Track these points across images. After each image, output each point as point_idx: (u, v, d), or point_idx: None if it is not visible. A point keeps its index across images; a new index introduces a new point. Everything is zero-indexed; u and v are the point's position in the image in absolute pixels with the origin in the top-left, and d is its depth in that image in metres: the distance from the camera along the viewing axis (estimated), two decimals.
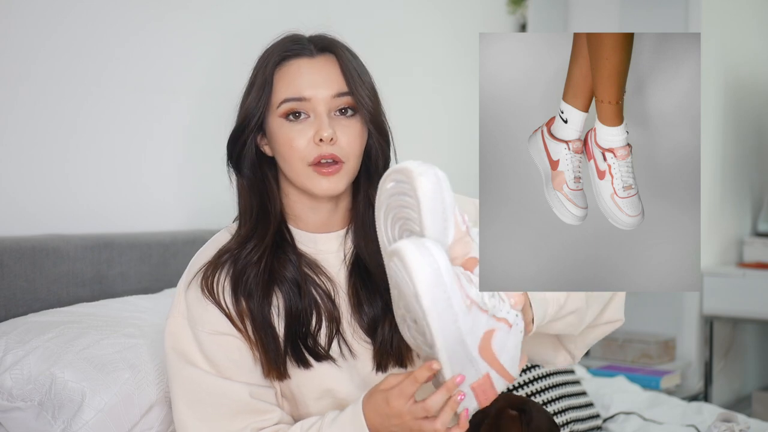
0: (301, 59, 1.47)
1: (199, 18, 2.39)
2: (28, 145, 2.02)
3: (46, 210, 2.05)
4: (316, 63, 1.47)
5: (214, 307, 1.45)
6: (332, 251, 1.52)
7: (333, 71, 1.47)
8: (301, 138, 1.44)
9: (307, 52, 1.47)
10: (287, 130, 1.45)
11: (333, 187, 1.45)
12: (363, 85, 1.47)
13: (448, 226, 1.28)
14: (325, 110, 1.44)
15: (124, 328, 1.79)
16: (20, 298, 1.88)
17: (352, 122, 1.46)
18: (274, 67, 1.47)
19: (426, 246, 1.22)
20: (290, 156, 1.44)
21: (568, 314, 1.42)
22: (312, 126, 1.44)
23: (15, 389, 1.66)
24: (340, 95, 1.46)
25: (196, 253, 1.53)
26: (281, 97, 1.45)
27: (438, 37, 3.27)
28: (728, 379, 3.90)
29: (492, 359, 1.28)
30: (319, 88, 1.45)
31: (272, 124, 1.47)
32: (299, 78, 1.45)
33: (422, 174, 1.25)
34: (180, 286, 1.50)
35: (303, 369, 1.46)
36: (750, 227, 4.12)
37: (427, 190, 1.25)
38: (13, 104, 2.00)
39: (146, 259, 2.11)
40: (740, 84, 3.97)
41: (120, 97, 2.20)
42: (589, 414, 2.49)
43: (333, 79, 1.46)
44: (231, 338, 1.45)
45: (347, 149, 1.45)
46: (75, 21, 2.10)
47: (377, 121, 1.48)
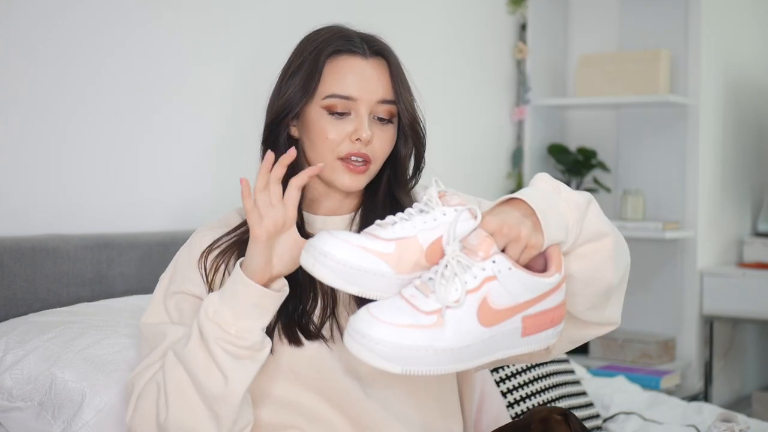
0: (354, 57, 1.49)
1: (195, 17, 2.39)
2: (28, 145, 2.02)
3: (46, 210, 2.05)
4: (369, 65, 1.49)
5: (197, 272, 1.49)
6: None
7: (383, 77, 1.50)
8: (337, 132, 1.47)
9: (361, 51, 1.49)
10: (326, 122, 1.47)
11: (355, 185, 1.49)
12: (408, 96, 1.52)
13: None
14: (367, 112, 1.47)
15: (124, 328, 1.79)
16: (20, 298, 1.88)
17: (387, 128, 1.50)
18: (326, 58, 1.48)
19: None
20: (322, 146, 1.47)
21: (589, 241, 1.32)
22: (351, 123, 1.47)
23: (15, 389, 1.66)
24: (384, 102, 1.49)
25: (200, 226, 1.57)
26: (329, 90, 1.47)
27: (438, 36, 3.27)
28: (728, 379, 3.90)
29: (507, 309, 1.19)
30: (367, 91, 1.47)
31: (311, 112, 1.49)
32: (351, 76, 1.47)
33: (312, 267, 1.22)
34: (180, 250, 1.56)
35: (294, 347, 1.46)
36: (750, 227, 4.12)
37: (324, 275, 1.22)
38: (13, 104, 1.99)
39: (146, 259, 2.11)
40: (740, 84, 3.97)
41: (119, 96, 2.20)
42: (589, 414, 2.49)
43: (382, 84, 1.49)
44: (193, 299, 1.49)
45: (378, 153, 1.49)
46: (74, 21, 2.10)
47: (415, 128, 1.53)
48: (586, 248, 1.32)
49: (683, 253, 3.66)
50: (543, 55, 3.76)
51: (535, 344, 1.23)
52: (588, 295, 1.36)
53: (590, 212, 1.32)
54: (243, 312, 1.37)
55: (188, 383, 1.38)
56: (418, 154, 1.56)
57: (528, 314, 1.20)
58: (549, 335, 1.24)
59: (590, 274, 1.33)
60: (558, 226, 1.25)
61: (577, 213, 1.29)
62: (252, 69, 2.47)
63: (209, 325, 1.37)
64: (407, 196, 1.56)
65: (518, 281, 1.19)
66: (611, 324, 1.45)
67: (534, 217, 1.23)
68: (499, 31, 3.59)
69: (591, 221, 1.32)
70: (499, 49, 3.60)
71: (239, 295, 1.37)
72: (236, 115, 2.45)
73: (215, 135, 2.43)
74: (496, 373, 2.36)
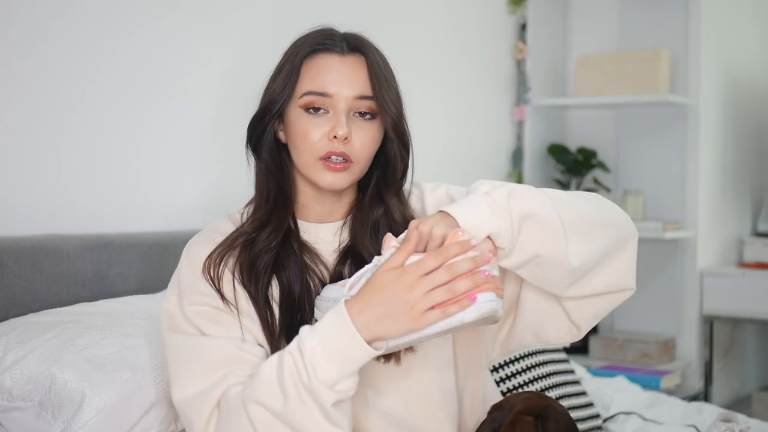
0: (331, 55, 1.49)
1: (195, 17, 2.39)
2: (28, 145, 2.02)
3: (45, 210, 2.05)
4: (345, 62, 1.48)
5: (207, 284, 1.46)
6: (328, 240, 1.54)
7: (360, 73, 1.48)
8: (316, 131, 1.46)
9: (338, 48, 1.49)
10: (304, 121, 1.47)
11: (337, 183, 1.47)
12: (388, 91, 1.49)
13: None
14: (345, 109, 1.46)
15: (124, 328, 1.78)
16: (20, 298, 1.88)
17: (368, 125, 1.48)
18: (303, 58, 1.48)
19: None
20: (302, 146, 1.47)
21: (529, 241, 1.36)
22: (329, 122, 1.46)
23: (15, 389, 1.66)
24: (362, 98, 1.47)
25: (193, 238, 1.54)
26: (305, 88, 1.47)
27: (438, 36, 3.27)
28: (728, 379, 3.90)
29: None
30: (343, 87, 1.46)
31: (291, 112, 1.48)
32: (326, 73, 1.47)
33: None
34: (179, 266, 1.52)
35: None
36: (750, 227, 4.12)
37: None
38: (12, 104, 1.99)
39: (146, 259, 2.11)
40: (740, 84, 3.97)
41: (119, 96, 2.20)
42: (589, 414, 2.49)
43: (359, 80, 1.47)
44: (212, 309, 1.45)
45: (359, 151, 1.47)
46: (74, 21, 2.10)
47: (399, 129, 1.50)
48: (525, 235, 1.35)
49: (683, 253, 3.66)
50: (543, 55, 3.76)
51: (450, 321, 1.28)
52: (556, 276, 1.40)
53: (512, 200, 1.36)
54: (350, 371, 1.30)
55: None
56: (403, 155, 1.53)
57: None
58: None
59: (543, 254, 1.37)
60: (467, 211, 1.33)
61: (498, 205, 1.34)
62: (252, 69, 2.46)
63: (323, 390, 1.28)
64: (395, 197, 1.55)
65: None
66: (622, 290, 1.48)
67: (449, 218, 1.33)
68: (499, 31, 3.59)
69: (518, 204, 1.35)
70: (499, 49, 3.60)
71: (354, 359, 1.29)
72: (236, 115, 2.43)
73: (215, 135, 2.43)
74: (496, 373, 2.36)
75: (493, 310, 1.28)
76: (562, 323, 1.53)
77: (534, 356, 2.48)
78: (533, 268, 1.39)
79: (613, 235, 1.44)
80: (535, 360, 2.47)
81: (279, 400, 1.30)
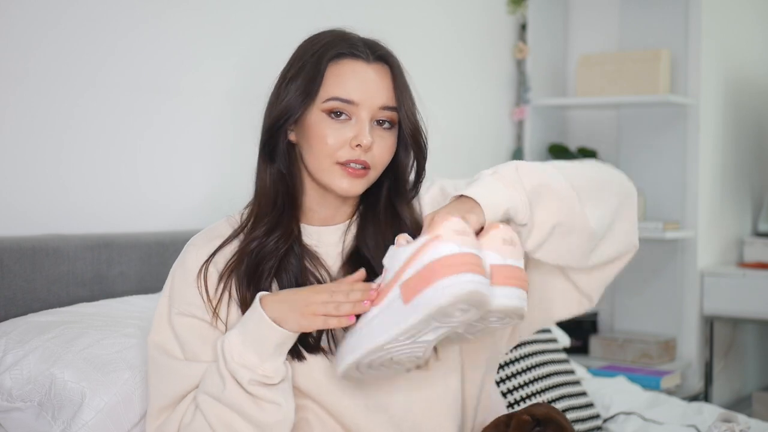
0: (357, 61, 1.48)
1: (195, 16, 2.39)
2: (28, 144, 2.02)
3: (46, 210, 2.05)
4: (371, 70, 1.48)
5: (197, 293, 1.48)
6: (332, 243, 1.54)
7: (385, 82, 1.48)
8: (337, 137, 1.45)
9: (364, 56, 1.48)
10: (325, 126, 1.45)
11: (352, 189, 1.47)
12: (410, 103, 1.50)
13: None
14: (368, 117, 1.46)
15: (124, 328, 1.78)
16: (20, 298, 1.88)
17: (387, 134, 1.49)
18: (329, 62, 1.47)
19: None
20: (320, 150, 1.46)
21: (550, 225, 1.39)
22: (351, 128, 1.45)
23: (15, 389, 1.66)
24: (386, 108, 1.48)
25: (191, 239, 1.55)
26: (330, 93, 1.46)
27: (438, 36, 3.27)
28: (728, 379, 3.90)
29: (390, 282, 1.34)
30: (369, 96, 1.46)
31: (311, 115, 1.47)
32: (353, 80, 1.46)
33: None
34: (173, 267, 1.54)
35: (297, 362, 1.46)
36: (750, 227, 4.12)
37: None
38: (12, 103, 1.99)
39: (146, 259, 2.11)
40: (740, 84, 3.97)
41: (119, 96, 2.20)
42: (589, 414, 2.49)
43: (383, 90, 1.47)
44: (198, 321, 1.48)
45: (377, 159, 1.47)
46: (74, 20, 2.10)
47: (417, 138, 1.52)
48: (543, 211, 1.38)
49: (683, 253, 3.66)
50: (543, 55, 3.76)
51: (424, 308, 1.28)
52: (577, 244, 1.42)
53: (521, 174, 1.39)
54: (267, 354, 1.40)
55: (238, 419, 1.41)
56: (419, 165, 1.55)
57: (403, 280, 1.31)
58: (430, 295, 1.28)
59: (563, 222, 1.40)
60: (482, 190, 1.37)
61: (508, 180, 1.38)
62: (253, 69, 2.47)
63: (239, 369, 1.40)
64: (407, 206, 1.55)
65: (388, 256, 1.36)
66: (629, 251, 1.51)
67: (471, 201, 1.36)
68: (499, 31, 3.59)
69: (527, 177, 1.39)
70: (499, 49, 3.60)
71: (264, 339, 1.40)
72: (237, 115, 2.44)
73: (215, 135, 2.43)
74: (495, 373, 2.36)
75: (471, 291, 1.28)
76: (571, 297, 1.55)
77: (534, 356, 2.48)
78: (556, 240, 1.40)
79: (618, 194, 1.49)
80: (536, 360, 2.47)
81: (218, 386, 1.41)
